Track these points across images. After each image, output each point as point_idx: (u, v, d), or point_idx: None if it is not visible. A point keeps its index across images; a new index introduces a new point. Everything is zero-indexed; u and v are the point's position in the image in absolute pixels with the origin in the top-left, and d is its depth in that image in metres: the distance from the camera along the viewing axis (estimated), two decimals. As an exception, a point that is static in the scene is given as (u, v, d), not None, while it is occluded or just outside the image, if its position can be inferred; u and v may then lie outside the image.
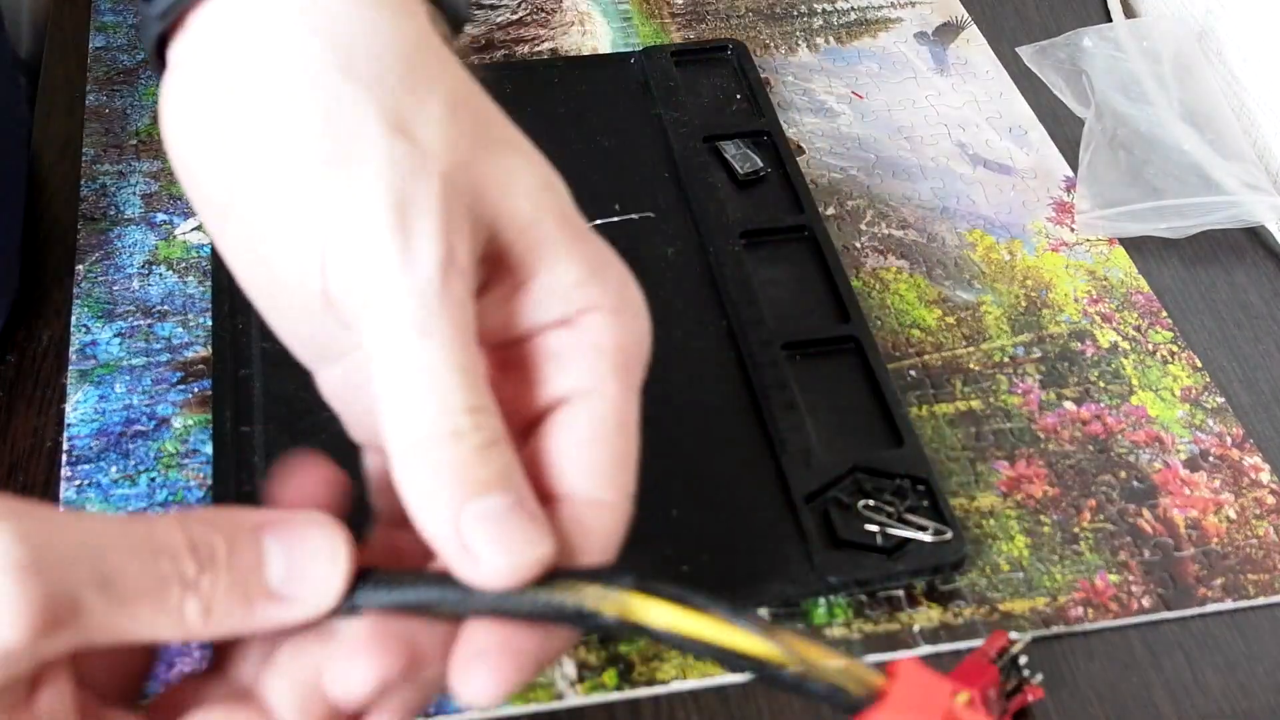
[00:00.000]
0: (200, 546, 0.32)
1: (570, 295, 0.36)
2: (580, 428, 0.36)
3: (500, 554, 0.33)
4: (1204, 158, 0.69)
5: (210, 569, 0.32)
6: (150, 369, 0.60)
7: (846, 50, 0.79)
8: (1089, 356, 0.62)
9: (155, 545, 0.32)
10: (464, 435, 0.33)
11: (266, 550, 0.33)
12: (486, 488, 0.33)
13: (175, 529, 0.32)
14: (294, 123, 0.35)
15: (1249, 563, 0.54)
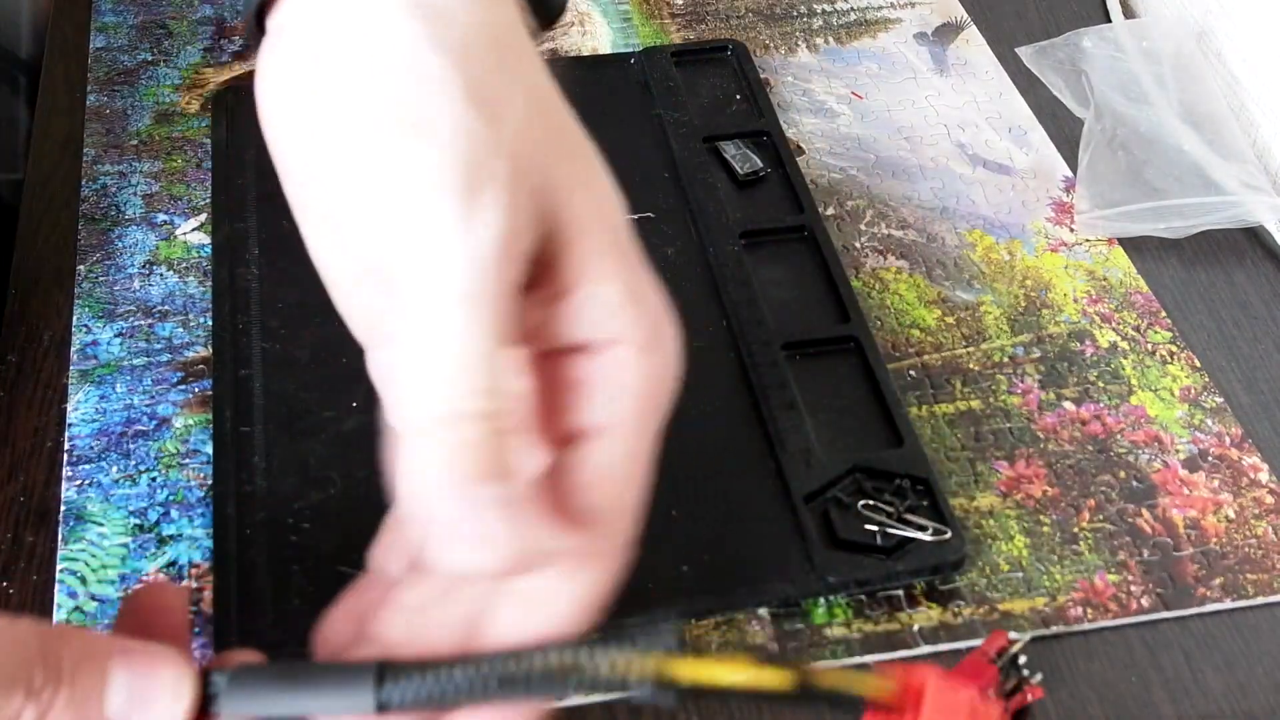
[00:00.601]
0: (50, 658, 0.32)
1: (606, 317, 0.36)
2: (596, 466, 0.36)
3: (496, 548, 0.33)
4: (1203, 158, 0.69)
5: (54, 682, 0.32)
6: (151, 369, 0.60)
7: (846, 51, 0.79)
8: (1088, 356, 0.62)
9: (13, 645, 0.32)
10: (489, 418, 0.33)
11: (112, 677, 0.33)
12: (504, 475, 0.33)
13: (32, 635, 0.32)
14: (380, 90, 0.35)
15: (1248, 562, 0.54)
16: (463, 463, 0.33)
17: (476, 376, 0.33)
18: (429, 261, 0.33)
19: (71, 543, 0.54)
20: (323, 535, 0.53)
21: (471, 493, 0.33)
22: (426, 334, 0.33)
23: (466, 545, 0.33)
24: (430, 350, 0.33)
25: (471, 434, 0.33)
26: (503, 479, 0.33)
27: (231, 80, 0.75)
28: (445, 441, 0.33)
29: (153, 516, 0.55)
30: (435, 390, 0.33)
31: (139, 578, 0.52)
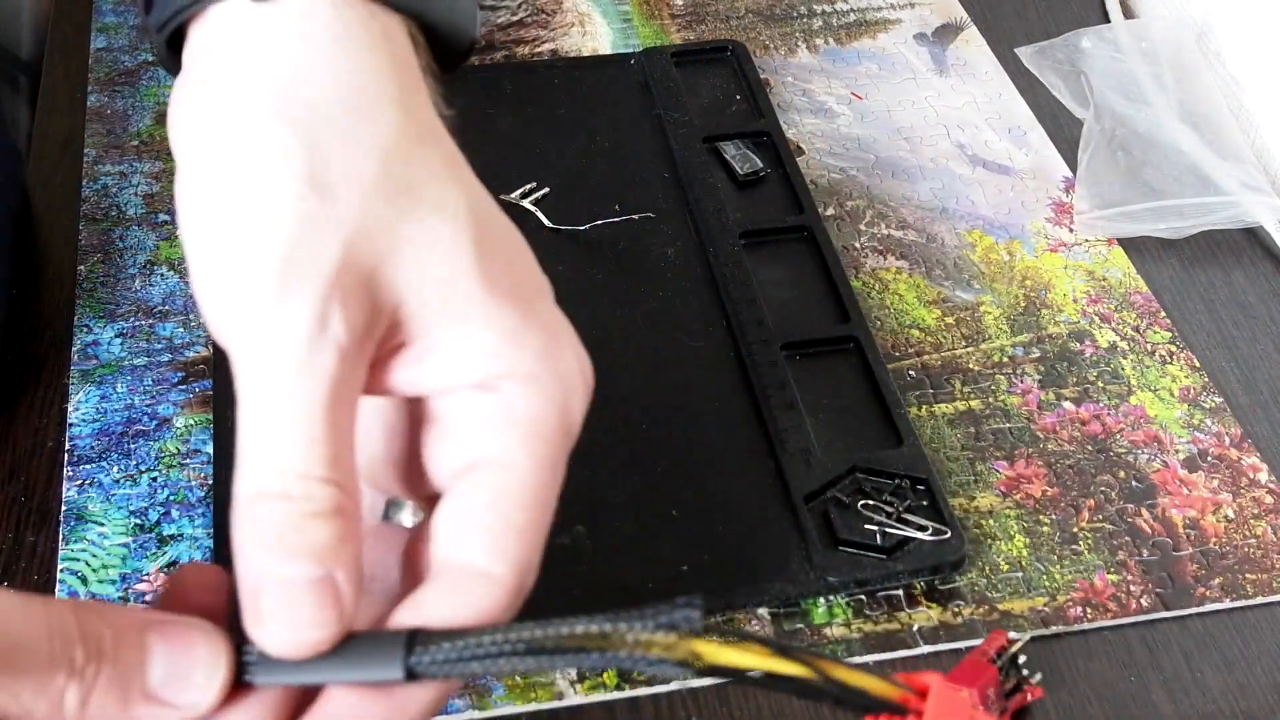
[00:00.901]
0: (90, 636, 0.33)
1: (484, 362, 0.35)
2: (478, 497, 0.35)
3: (282, 626, 0.33)
4: (1202, 158, 0.69)
5: (96, 659, 0.33)
6: (152, 369, 0.60)
7: (846, 51, 0.79)
8: (1088, 356, 0.62)
9: (50, 626, 0.32)
10: (294, 500, 0.33)
11: (150, 651, 0.34)
12: (296, 555, 0.33)
13: (69, 614, 0.33)
14: (225, 161, 0.35)
15: (1247, 562, 0.54)
16: (266, 536, 0.33)
17: (287, 460, 0.33)
18: (246, 345, 0.34)
19: (72, 542, 0.54)
20: (323, 535, 0.53)
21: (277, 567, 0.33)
22: (245, 413, 0.34)
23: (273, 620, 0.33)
24: (247, 429, 0.34)
25: (276, 513, 0.33)
26: (311, 559, 0.33)
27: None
28: (254, 515, 0.33)
29: (153, 516, 0.55)
30: (249, 467, 0.34)
31: (140, 577, 0.53)
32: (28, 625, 0.32)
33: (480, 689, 0.50)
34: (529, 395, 0.36)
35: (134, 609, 0.35)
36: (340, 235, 0.35)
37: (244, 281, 0.34)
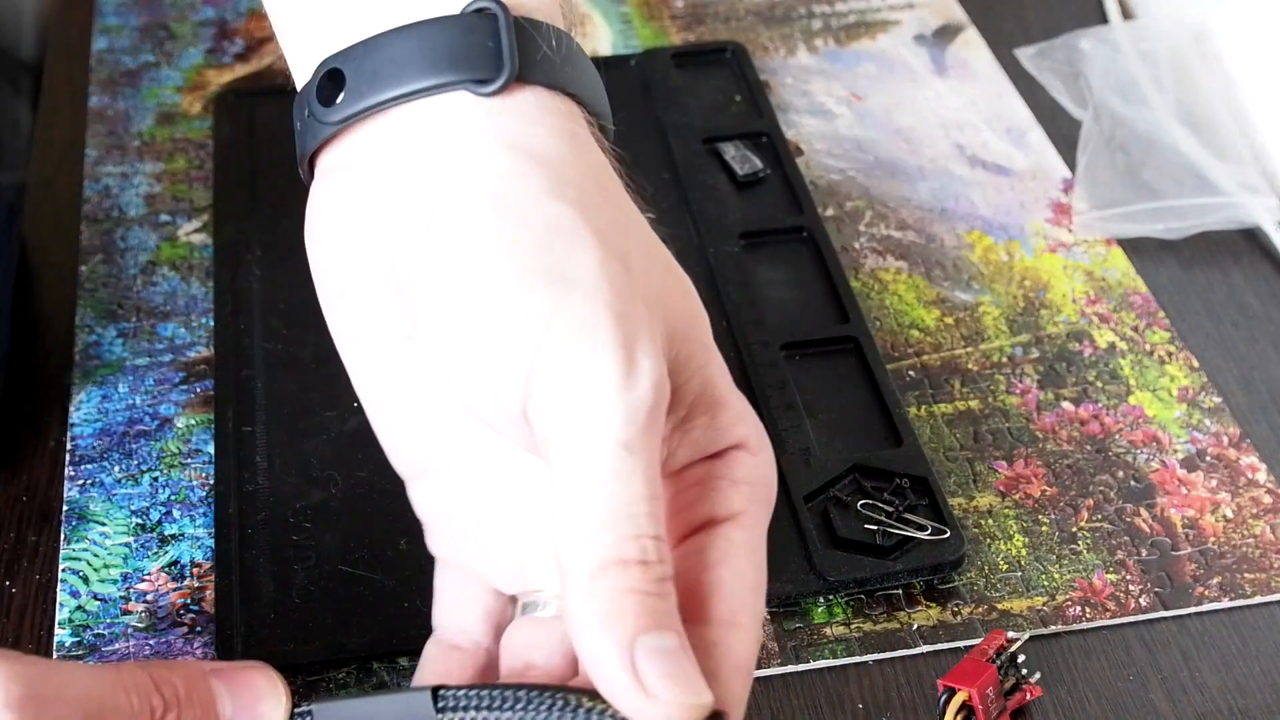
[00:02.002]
0: (164, 684, 0.35)
1: (726, 433, 0.37)
2: (725, 554, 0.36)
3: (675, 692, 0.32)
4: (1201, 159, 0.69)
5: (175, 705, 0.35)
6: (153, 369, 0.60)
7: (845, 52, 0.79)
8: (1087, 357, 0.62)
9: (125, 684, 0.35)
10: (650, 565, 0.33)
11: (216, 692, 0.36)
12: (661, 624, 0.33)
13: (140, 671, 0.35)
14: (499, 238, 0.35)
15: (1246, 562, 0.55)
16: (622, 613, 0.32)
17: (633, 523, 0.33)
18: (583, 416, 0.33)
19: (74, 542, 0.54)
20: (324, 535, 0.53)
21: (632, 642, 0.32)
22: (582, 489, 0.33)
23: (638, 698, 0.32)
24: (588, 504, 0.33)
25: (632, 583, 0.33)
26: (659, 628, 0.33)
27: (234, 82, 0.75)
28: (607, 589, 0.33)
29: (155, 516, 0.55)
30: (595, 537, 0.33)
31: (141, 577, 0.53)
32: (105, 685, 0.34)
33: None
34: (758, 464, 0.38)
35: (194, 660, 0.38)
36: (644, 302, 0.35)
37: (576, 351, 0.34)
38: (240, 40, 0.78)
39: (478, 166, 0.36)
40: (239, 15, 0.80)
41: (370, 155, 0.37)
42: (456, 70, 0.36)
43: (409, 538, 0.53)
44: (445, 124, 0.36)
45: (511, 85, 0.36)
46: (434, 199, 0.36)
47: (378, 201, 0.37)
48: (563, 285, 0.34)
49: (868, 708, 0.50)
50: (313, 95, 0.38)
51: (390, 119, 0.37)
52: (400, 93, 0.36)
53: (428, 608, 0.51)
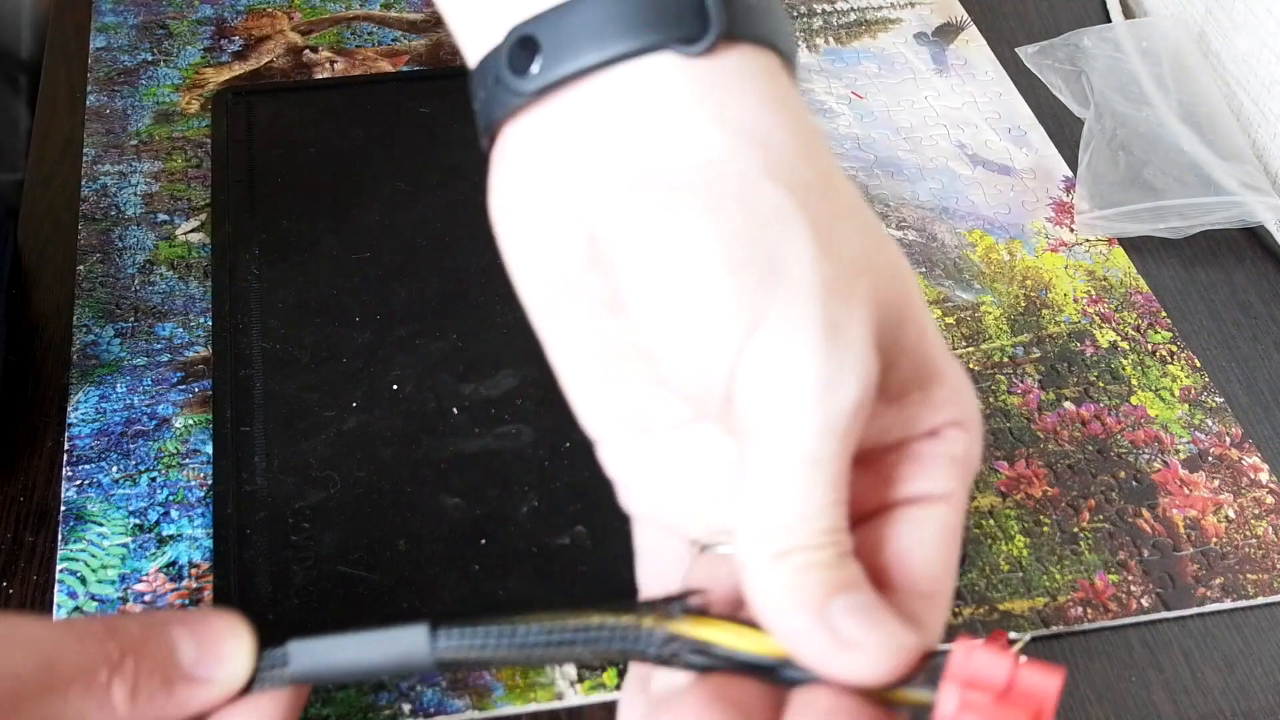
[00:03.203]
0: (119, 631, 0.35)
1: (942, 410, 0.36)
2: (929, 529, 0.36)
3: (878, 639, 0.32)
4: (1203, 158, 0.69)
5: (132, 650, 0.35)
6: (151, 369, 0.60)
7: (846, 51, 0.79)
8: (1088, 356, 0.62)
9: (80, 635, 0.34)
10: (825, 548, 0.33)
11: (175, 638, 0.35)
12: (850, 587, 0.33)
13: (95, 621, 0.35)
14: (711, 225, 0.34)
15: (1248, 562, 0.54)
16: (808, 585, 0.33)
17: (817, 524, 0.33)
18: (779, 418, 0.33)
19: (71, 542, 0.54)
20: (323, 535, 0.53)
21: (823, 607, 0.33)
22: (773, 486, 0.34)
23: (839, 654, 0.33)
24: (776, 501, 0.34)
25: (815, 559, 0.33)
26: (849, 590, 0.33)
27: (232, 80, 0.75)
28: (791, 567, 0.33)
29: (153, 516, 0.55)
30: (778, 534, 0.33)
31: (139, 577, 0.52)
32: (59, 640, 0.34)
33: (480, 689, 0.50)
34: (969, 441, 0.37)
35: (151, 611, 0.37)
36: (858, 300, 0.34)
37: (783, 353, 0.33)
38: (238, 39, 0.78)
39: (688, 143, 0.34)
40: (237, 13, 0.80)
41: (572, 124, 0.35)
42: (660, 30, 0.34)
43: (407, 538, 0.53)
44: (651, 92, 0.35)
45: (718, 43, 0.35)
46: (641, 174, 0.34)
47: (580, 171, 0.35)
48: (774, 282, 0.33)
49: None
50: (503, 63, 0.36)
51: (591, 86, 0.35)
52: (602, 58, 0.35)
53: (427, 608, 0.51)
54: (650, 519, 0.41)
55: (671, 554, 0.40)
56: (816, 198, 0.35)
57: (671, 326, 0.35)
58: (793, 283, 0.33)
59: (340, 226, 0.66)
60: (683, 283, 0.34)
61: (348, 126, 0.71)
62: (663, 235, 0.34)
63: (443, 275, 0.64)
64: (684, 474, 0.39)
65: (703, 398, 0.35)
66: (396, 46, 0.78)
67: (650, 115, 0.35)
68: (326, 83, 0.75)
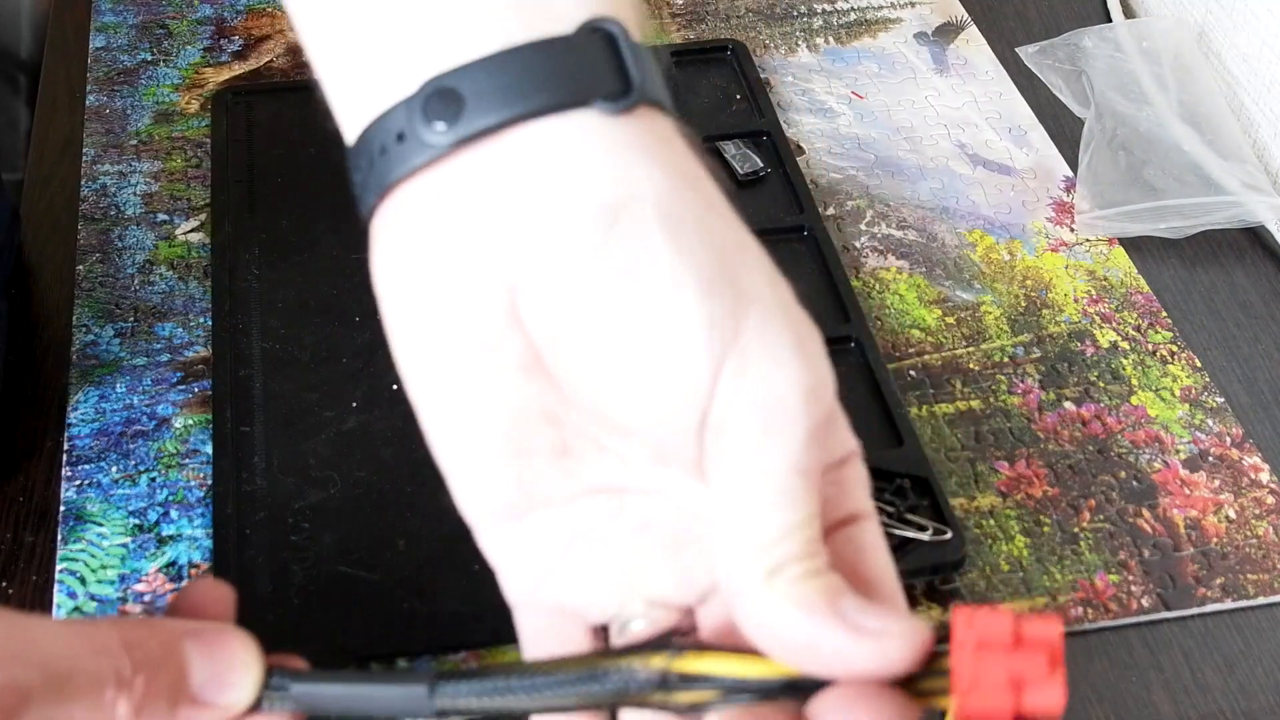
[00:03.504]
0: (135, 647, 0.34)
1: (845, 440, 0.38)
2: (869, 539, 0.38)
3: (900, 625, 0.34)
4: (1203, 158, 0.69)
5: (144, 669, 0.34)
6: (151, 369, 0.60)
7: (846, 50, 0.79)
8: (1089, 356, 0.62)
9: (95, 645, 0.34)
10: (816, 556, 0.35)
11: (190, 657, 0.35)
12: (846, 591, 0.35)
13: (112, 630, 0.34)
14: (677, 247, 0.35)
15: (1248, 562, 0.54)
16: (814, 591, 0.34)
17: (804, 532, 0.35)
18: (766, 434, 0.34)
19: (71, 543, 0.54)
20: (322, 535, 0.53)
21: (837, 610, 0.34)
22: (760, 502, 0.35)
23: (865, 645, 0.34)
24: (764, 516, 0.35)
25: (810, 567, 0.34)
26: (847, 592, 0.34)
27: (231, 80, 0.75)
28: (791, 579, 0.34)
29: (152, 516, 0.55)
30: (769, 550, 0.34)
31: (139, 577, 0.52)
32: (74, 647, 0.33)
33: None
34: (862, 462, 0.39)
35: (169, 620, 0.36)
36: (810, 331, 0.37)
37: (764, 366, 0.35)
38: (238, 38, 0.78)
39: (631, 181, 0.35)
40: (237, 13, 0.80)
41: (489, 177, 0.35)
42: (586, 88, 0.35)
43: (407, 538, 0.53)
44: (578, 139, 0.35)
45: (634, 105, 0.36)
46: (579, 212, 0.34)
47: (500, 222, 0.35)
48: (744, 302, 0.35)
49: (869, 709, 0.50)
50: (415, 114, 0.36)
51: (515, 138, 0.35)
52: (529, 108, 0.35)
53: (426, 608, 0.51)
54: (543, 606, 0.40)
55: (567, 642, 0.40)
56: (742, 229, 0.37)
57: (635, 357, 0.35)
58: (761, 302, 0.35)
59: (340, 226, 0.65)
60: (648, 309, 0.34)
61: (347, 126, 0.71)
62: (621, 262, 0.34)
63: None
64: (583, 550, 0.38)
65: (672, 429, 0.35)
66: (396, 46, 0.78)
67: (575, 163, 0.35)
68: (326, 82, 0.75)
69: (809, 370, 0.35)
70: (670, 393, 0.35)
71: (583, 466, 0.38)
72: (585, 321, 0.35)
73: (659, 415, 0.35)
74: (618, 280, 0.34)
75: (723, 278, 0.35)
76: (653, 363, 0.35)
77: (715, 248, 0.35)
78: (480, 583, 0.52)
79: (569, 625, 0.40)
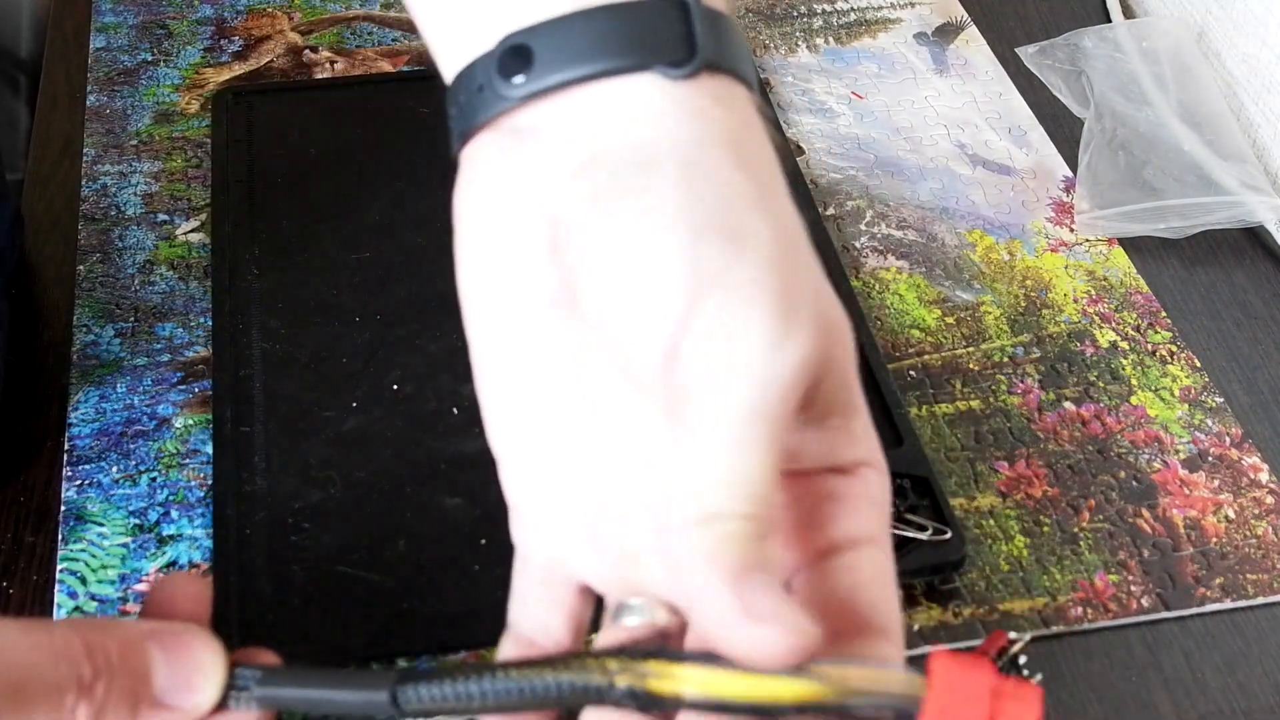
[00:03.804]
0: (96, 651, 0.34)
1: (859, 444, 0.38)
2: (869, 570, 0.37)
3: (791, 619, 0.33)
4: (1203, 158, 0.69)
5: (105, 673, 0.34)
6: (151, 369, 0.60)
7: (846, 51, 0.79)
8: (1088, 356, 0.62)
9: (55, 650, 0.33)
10: (760, 520, 0.34)
11: (152, 660, 0.35)
12: (766, 566, 0.34)
13: (73, 634, 0.34)
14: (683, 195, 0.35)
15: (1248, 562, 0.54)
16: (729, 552, 0.33)
17: (750, 486, 0.34)
18: (728, 371, 0.34)
19: (71, 542, 0.54)
20: (323, 535, 0.53)
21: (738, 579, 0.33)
22: (711, 439, 0.34)
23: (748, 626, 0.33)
24: (712, 455, 0.34)
25: (738, 529, 0.34)
26: (765, 573, 0.34)
27: (232, 80, 0.75)
28: (715, 534, 0.34)
29: (153, 516, 0.55)
30: (712, 492, 0.34)
31: (139, 577, 0.52)
32: (33, 653, 0.33)
33: None
34: (884, 483, 0.39)
35: (133, 621, 0.36)
36: (809, 283, 0.37)
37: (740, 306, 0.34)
38: (238, 39, 0.78)
39: (667, 133, 0.36)
40: (237, 13, 0.80)
41: (552, 128, 0.37)
42: (650, 53, 0.37)
43: (408, 538, 0.53)
44: (637, 99, 0.37)
45: (701, 70, 0.37)
46: (619, 159, 0.36)
47: (551, 166, 0.37)
48: (738, 244, 0.35)
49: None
50: (493, 69, 0.38)
51: (580, 94, 0.37)
52: (593, 70, 0.36)
53: (426, 608, 0.51)
54: (541, 558, 0.40)
55: (558, 603, 0.39)
56: (779, 203, 0.37)
57: (625, 284, 0.35)
58: (754, 249, 0.35)
59: (340, 226, 0.66)
60: (642, 244, 0.35)
61: (348, 126, 0.71)
62: (628, 206, 0.35)
63: (443, 275, 0.63)
64: (598, 514, 0.38)
65: (648, 356, 0.35)
66: (396, 46, 0.78)
67: (636, 116, 0.36)
68: (326, 83, 0.75)
69: (781, 321, 0.35)
70: (648, 322, 0.35)
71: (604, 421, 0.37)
72: (602, 258, 0.36)
73: (637, 337, 0.36)
74: (622, 212, 0.36)
75: (719, 223, 0.35)
76: (637, 296, 0.35)
77: (724, 197, 0.36)
78: (480, 583, 0.52)
79: (564, 589, 0.40)
